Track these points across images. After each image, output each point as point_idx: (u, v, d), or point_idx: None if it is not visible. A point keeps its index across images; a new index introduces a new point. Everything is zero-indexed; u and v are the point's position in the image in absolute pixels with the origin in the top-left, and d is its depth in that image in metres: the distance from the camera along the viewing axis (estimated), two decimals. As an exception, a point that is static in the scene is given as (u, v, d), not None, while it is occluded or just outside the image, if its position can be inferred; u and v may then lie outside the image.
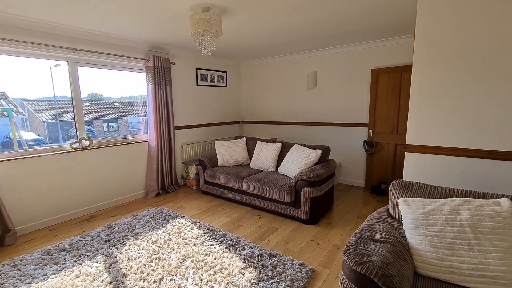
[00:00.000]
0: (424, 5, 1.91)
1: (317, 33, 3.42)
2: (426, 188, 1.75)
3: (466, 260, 1.37)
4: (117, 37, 3.45)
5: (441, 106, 1.93)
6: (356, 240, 1.54)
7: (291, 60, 4.85)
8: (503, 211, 1.39)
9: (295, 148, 3.57)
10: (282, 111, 5.13)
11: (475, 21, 1.75)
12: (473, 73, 1.80)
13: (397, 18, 2.89)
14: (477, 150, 1.84)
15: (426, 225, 1.52)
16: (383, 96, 3.92)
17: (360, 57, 4.09)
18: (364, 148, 4.16)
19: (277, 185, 3.13)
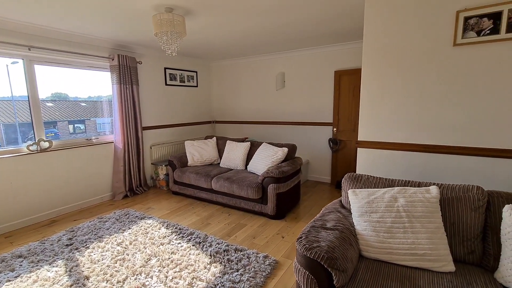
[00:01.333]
0: (370, 15, 2.10)
1: (283, 36, 3.56)
2: (372, 179, 1.93)
3: (401, 242, 1.55)
4: (79, 35, 3.34)
5: (385, 106, 2.13)
6: (309, 229, 1.66)
7: (260, 61, 4.97)
8: (432, 197, 1.59)
9: (263, 146, 3.68)
10: (253, 111, 5.24)
11: (411, 30, 1.97)
12: (410, 76, 2.01)
13: (356, 24, 3.11)
14: (415, 145, 2.06)
15: (370, 213, 1.69)
16: (345, 96, 4.17)
17: (324, 59, 4.31)
18: (329, 145, 4.38)
19: (245, 183, 3.22)
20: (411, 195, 1.64)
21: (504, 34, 1.67)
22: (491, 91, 1.77)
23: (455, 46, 1.83)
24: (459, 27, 1.79)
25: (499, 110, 1.77)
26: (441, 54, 1.89)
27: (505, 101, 1.75)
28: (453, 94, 1.89)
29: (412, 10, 1.95)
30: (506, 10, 1.65)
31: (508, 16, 1.65)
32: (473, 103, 1.84)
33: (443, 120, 1.95)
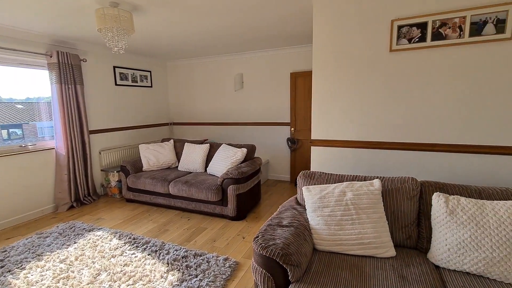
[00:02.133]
0: (318, 21, 2.22)
1: (238, 37, 3.57)
2: (324, 176, 2.03)
3: (350, 233, 1.66)
4: (9, 28, 2.93)
5: (334, 106, 2.27)
6: (266, 227, 1.69)
7: (218, 62, 4.92)
8: (375, 189, 1.73)
9: (222, 148, 3.65)
10: (212, 112, 5.16)
11: (354, 36, 2.12)
12: (355, 79, 2.17)
13: (308, 28, 3.25)
14: (362, 142, 2.23)
15: (322, 207, 1.78)
16: (301, 97, 4.34)
17: (280, 61, 4.43)
18: (288, 145, 4.52)
19: (204, 186, 3.15)
20: (358, 189, 1.76)
21: (430, 42, 1.90)
22: (422, 92, 2.00)
23: (391, 52, 2.03)
24: (394, 34, 1.99)
25: (428, 109, 2.00)
26: (380, 59, 2.07)
27: (433, 101, 1.98)
28: (392, 95, 2.09)
29: (354, 18, 2.11)
30: (430, 21, 1.88)
31: (432, 26, 1.88)
32: (408, 103, 2.05)
33: (384, 119, 2.14)
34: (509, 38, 1.71)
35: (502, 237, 1.37)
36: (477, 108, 1.87)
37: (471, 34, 1.79)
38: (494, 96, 1.82)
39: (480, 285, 1.36)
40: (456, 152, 1.96)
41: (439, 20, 1.86)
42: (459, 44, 1.84)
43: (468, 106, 1.90)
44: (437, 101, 1.97)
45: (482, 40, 1.77)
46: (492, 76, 1.80)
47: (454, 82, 1.90)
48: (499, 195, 1.57)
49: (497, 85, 1.80)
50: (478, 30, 1.77)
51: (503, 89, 1.79)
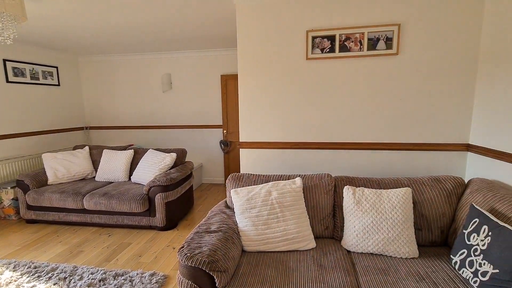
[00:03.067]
0: (241, 27, 2.26)
1: (162, 35, 3.37)
2: (252, 177, 2.08)
3: (275, 230, 1.73)
4: None
5: (259, 109, 2.35)
6: (193, 236, 1.62)
7: (144, 60, 4.55)
8: (297, 187, 1.86)
9: (149, 153, 3.38)
10: (137, 115, 4.74)
11: (275, 44, 2.24)
12: (277, 84, 2.30)
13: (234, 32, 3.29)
14: (286, 143, 2.37)
15: (249, 209, 1.81)
16: (232, 99, 4.38)
17: (211, 63, 4.38)
18: (221, 147, 4.50)
19: (127, 196, 2.85)
20: (282, 188, 1.86)
21: (338, 53, 2.15)
22: (333, 96, 2.24)
23: (308, 59, 2.21)
24: (309, 44, 2.18)
25: (338, 111, 2.26)
26: (299, 66, 2.24)
27: (342, 104, 2.24)
28: (309, 99, 2.28)
29: (274, 27, 2.23)
30: (338, 34, 2.13)
31: (339, 39, 2.13)
32: (322, 106, 2.27)
33: (304, 121, 2.32)
34: (395, 53, 2.07)
35: (395, 219, 1.64)
36: (374, 110, 2.20)
37: (368, 48, 2.10)
38: (386, 101, 2.17)
39: (381, 262, 1.59)
40: (361, 149, 2.27)
41: (344, 34, 2.12)
42: (360, 56, 2.13)
43: (368, 109, 2.22)
44: (344, 105, 2.24)
45: (376, 54, 2.10)
46: (384, 84, 2.15)
47: (357, 88, 2.20)
48: (392, 184, 1.88)
49: (388, 91, 2.16)
50: (374, 45, 2.09)
51: (393, 95, 2.15)
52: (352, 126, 2.26)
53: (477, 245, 1.38)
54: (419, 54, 2.07)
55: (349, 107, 2.24)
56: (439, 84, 2.08)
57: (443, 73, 2.06)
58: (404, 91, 2.14)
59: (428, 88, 2.10)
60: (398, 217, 1.64)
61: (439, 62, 2.05)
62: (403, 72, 2.11)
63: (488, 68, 1.91)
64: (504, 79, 1.75)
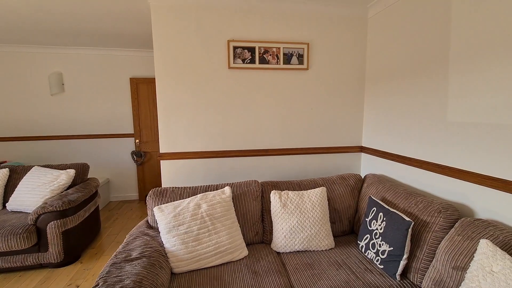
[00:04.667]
0: (157, 31, 2.09)
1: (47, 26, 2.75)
2: (177, 191, 1.92)
3: (207, 245, 1.65)
4: None
5: (180, 118, 2.22)
6: (109, 268, 1.36)
7: (20, 54, 3.59)
8: (226, 196, 1.83)
9: (34, 172, 2.67)
10: (13, 122, 3.69)
11: (196, 51, 2.17)
12: (198, 92, 2.23)
13: (146, 33, 2.99)
14: (209, 152, 2.31)
15: (177, 226, 1.66)
16: (145, 105, 3.98)
17: (117, 64, 3.86)
18: (133, 158, 4.01)
19: (2, 230, 2.16)
20: (212, 199, 1.79)
21: (258, 64, 2.26)
22: (254, 105, 2.34)
23: (230, 68, 2.24)
24: (231, 53, 2.20)
25: (260, 119, 2.37)
26: (221, 74, 2.24)
27: (262, 113, 2.36)
28: (231, 107, 2.30)
29: (195, 34, 2.15)
30: (257, 47, 2.24)
31: (259, 51, 2.25)
32: (245, 114, 2.33)
33: (227, 129, 2.32)
34: (306, 68, 2.34)
35: (316, 217, 1.83)
36: (291, 119, 2.42)
37: (284, 62, 2.30)
38: (300, 110, 2.42)
39: (306, 257, 1.73)
40: (282, 155, 2.45)
41: (263, 47, 2.25)
42: (277, 69, 2.31)
43: (286, 117, 2.42)
44: (264, 113, 2.37)
45: (291, 68, 2.31)
46: (298, 95, 2.39)
47: (275, 98, 2.36)
48: (311, 185, 2.09)
49: (301, 102, 2.41)
50: (288, 60, 2.30)
51: (305, 105, 2.42)
52: (272, 133, 2.41)
53: (376, 229, 1.68)
54: (323, 70, 2.40)
55: (269, 115, 2.38)
56: (338, 96, 2.47)
57: (342, 87, 2.46)
58: (314, 102, 2.43)
59: (331, 99, 2.46)
60: (318, 215, 1.84)
61: (338, 77, 2.44)
62: (312, 85, 2.40)
63: (371, 84, 2.39)
64: (381, 93, 2.23)
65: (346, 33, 2.39)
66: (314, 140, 2.49)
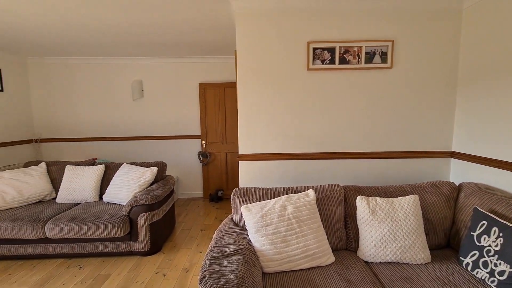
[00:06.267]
0: (241, 38, 2.18)
1: (139, 39, 3.09)
2: (259, 191, 1.96)
3: (296, 247, 1.64)
4: None
5: (260, 120, 2.27)
6: (210, 262, 1.44)
7: (110, 65, 4.11)
8: (311, 199, 1.80)
9: (124, 168, 3.01)
10: (102, 125, 4.23)
11: (276, 54, 2.21)
12: (277, 94, 2.25)
13: (221, 40, 3.17)
14: (286, 154, 2.31)
15: (265, 226, 1.69)
16: (211, 108, 4.20)
17: (188, 70, 4.16)
18: (199, 159, 4.25)
19: (103, 219, 2.47)
20: (296, 201, 1.78)
21: (338, 65, 2.20)
22: (333, 106, 2.28)
23: (308, 70, 2.22)
24: (310, 55, 2.19)
25: (338, 121, 2.29)
26: (299, 76, 2.23)
27: (341, 115, 2.29)
28: (309, 109, 2.28)
29: (275, 37, 2.19)
30: (338, 47, 2.18)
31: (339, 52, 2.19)
32: (323, 116, 2.29)
33: (305, 131, 2.30)
34: (389, 67, 2.20)
35: (409, 227, 1.69)
36: (371, 121, 2.30)
37: (366, 61, 2.19)
38: (381, 111, 2.28)
39: (401, 270, 1.61)
40: (360, 158, 2.33)
41: (344, 47, 2.18)
42: (358, 69, 2.21)
43: (365, 119, 2.30)
44: (343, 115, 2.29)
45: (373, 67, 2.20)
46: (380, 95, 2.26)
47: (355, 99, 2.27)
48: (398, 192, 1.95)
49: (383, 102, 2.27)
50: (370, 59, 2.19)
51: (387, 105, 2.27)
52: (350, 136, 2.31)
53: (489, 246, 1.48)
54: (409, 69, 2.23)
55: (348, 117, 2.29)
56: (425, 96, 2.26)
57: (429, 86, 2.25)
58: (397, 102, 2.27)
59: (417, 99, 2.27)
60: (412, 224, 1.70)
61: (426, 76, 2.24)
62: (396, 85, 2.25)
63: (465, 83, 2.13)
64: (482, 93, 1.97)
65: (436, 27, 2.18)
66: (395, 143, 2.32)
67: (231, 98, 4.16)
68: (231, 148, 4.24)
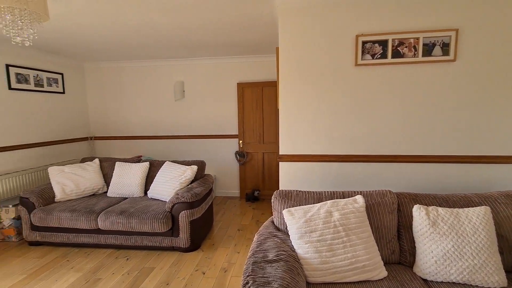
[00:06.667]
0: (284, 34, 2.10)
1: (182, 40, 3.18)
2: (302, 195, 1.86)
3: (343, 257, 1.51)
4: None
5: (302, 120, 2.17)
6: (252, 267, 1.39)
7: (155, 67, 4.33)
8: (360, 206, 1.66)
9: (166, 166, 3.12)
10: (147, 124, 4.48)
11: (321, 50, 2.08)
12: (322, 92, 2.13)
13: (259, 39, 3.13)
14: (329, 155, 2.18)
15: (309, 232, 1.59)
16: (249, 108, 4.19)
17: (226, 70, 4.20)
18: (236, 158, 4.27)
19: (148, 214, 2.58)
20: (343, 207, 1.65)
21: (390, 59, 2.00)
22: (384, 105, 2.08)
23: (356, 66, 2.06)
24: (359, 49, 2.03)
25: (390, 121, 2.09)
26: (346, 73, 2.08)
27: (394, 114, 2.08)
28: (357, 108, 2.11)
29: (320, 32, 2.07)
30: (390, 39, 1.99)
31: (392, 44, 1.99)
32: (372, 116, 2.11)
33: (351, 132, 2.14)
34: (452, 59, 1.94)
35: (479, 243, 1.46)
36: (428, 120, 2.05)
37: (423, 54, 1.96)
38: (441, 110, 2.03)
39: (469, 294, 1.39)
40: (414, 162, 2.10)
41: (397, 39, 1.98)
42: (414, 63, 1.99)
43: (421, 118, 2.06)
44: (396, 114, 2.08)
45: (432, 60, 1.96)
46: (439, 92, 2.01)
47: (409, 96, 2.05)
48: (462, 202, 1.70)
49: (443, 100, 2.01)
50: (429, 51, 1.96)
51: (449, 104, 2.01)
52: (402, 137, 2.10)
53: None
54: (476, 62, 1.94)
55: (401, 116, 2.08)
56: (496, 94, 1.96)
57: (501, 82, 1.94)
58: (461, 100, 2.00)
59: (485, 97, 1.97)
60: (483, 241, 1.46)
61: (497, 70, 1.93)
62: (460, 80, 1.98)
63: (556, 75, 1.79)
64: None
65: None
66: (456, 147, 2.05)
67: (269, 97, 4.10)
68: (269, 148, 4.19)
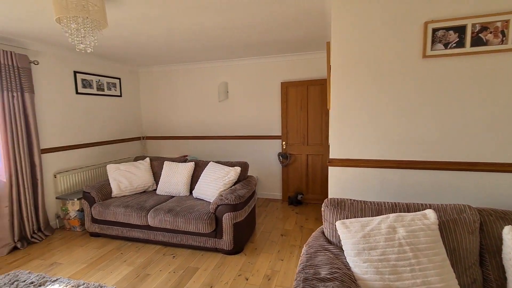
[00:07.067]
0: (337, 22, 1.91)
1: (227, 41, 3.17)
2: (357, 204, 1.66)
3: (411, 283, 1.29)
4: None
5: (356, 121, 1.96)
6: (303, 285, 1.25)
7: (199, 69, 4.45)
8: (431, 223, 1.40)
9: (210, 166, 3.15)
10: (192, 125, 4.62)
11: (381, 40, 1.84)
12: (382, 88, 1.88)
13: (305, 35, 2.96)
14: (389, 161, 1.92)
15: (368, 249, 1.39)
16: (293, 108, 4.03)
17: (269, 70, 4.11)
18: (279, 160, 4.15)
19: (193, 214, 2.61)
20: (410, 223, 1.42)
21: (469, 48, 1.68)
22: (459, 103, 1.76)
23: (425, 58, 1.77)
24: (428, 38, 1.74)
25: (467, 123, 1.76)
26: (411, 66, 1.81)
27: (472, 115, 1.75)
28: (424, 107, 1.82)
29: (380, 20, 1.83)
30: (470, 24, 1.66)
31: (471, 30, 1.66)
32: (444, 116, 1.80)
33: (416, 134, 1.86)
34: (558, 45, 1.54)
35: None
36: (520, 122, 1.67)
37: (515, 40, 1.60)
38: (539, 109, 1.64)
39: None
40: (497, 172, 1.74)
41: (479, 23, 1.65)
42: (502, 51, 1.64)
43: (506, 119, 1.69)
44: (475, 114, 1.74)
45: (528, 46, 1.59)
46: (537, 87, 1.62)
47: (494, 92, 1.69)
48: None
49: (542, 97, 1.62)
50: (524, 36, 1.59)
51: (550, 101, 1.61)
52: (483, 141, 1.75)
53: None
54: None
55: (482, 116, 1.73)
56: None
57: None
58: None
59: None
60: None
61: None
62: None
63: None
64: None
65: None
66: (562, 153, 1.63)
67: (314, 96, 3.89)
68: (313, 150, 3.98)
